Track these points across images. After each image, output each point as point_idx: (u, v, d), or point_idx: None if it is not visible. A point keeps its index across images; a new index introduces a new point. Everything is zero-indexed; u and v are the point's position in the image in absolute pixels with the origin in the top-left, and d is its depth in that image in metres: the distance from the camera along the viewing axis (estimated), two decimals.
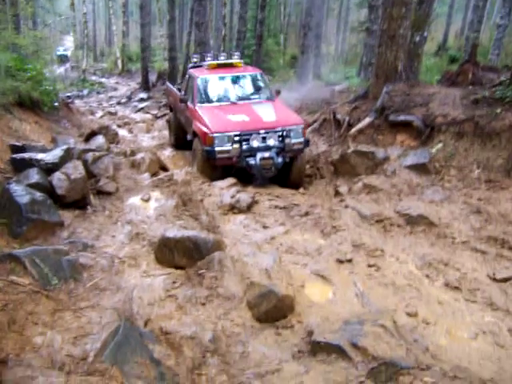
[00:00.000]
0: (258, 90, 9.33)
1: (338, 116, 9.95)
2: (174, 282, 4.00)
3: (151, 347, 2.98)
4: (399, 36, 9.55)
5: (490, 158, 6.83)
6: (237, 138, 7.42)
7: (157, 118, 16.72)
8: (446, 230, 5.49)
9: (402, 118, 8.50)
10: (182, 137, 10.11)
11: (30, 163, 5.49)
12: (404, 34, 9.61)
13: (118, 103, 21.77)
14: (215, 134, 7.36)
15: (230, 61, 9.79)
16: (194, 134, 8.12)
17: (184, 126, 9.70)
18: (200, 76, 9.09)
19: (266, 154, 7.43)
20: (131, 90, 26.15)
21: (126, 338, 2.85)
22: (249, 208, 6.28)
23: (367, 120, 9.06)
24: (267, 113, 8.14)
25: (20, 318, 3.10)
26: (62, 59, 32.98)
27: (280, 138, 7.62)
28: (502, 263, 4.72)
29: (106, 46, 51.11)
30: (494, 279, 4.40)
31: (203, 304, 3.66)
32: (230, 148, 7.39)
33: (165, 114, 16.74)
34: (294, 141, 7.63)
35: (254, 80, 9.51)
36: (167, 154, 10.27)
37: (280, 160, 7.49)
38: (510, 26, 17.40)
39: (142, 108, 19.08)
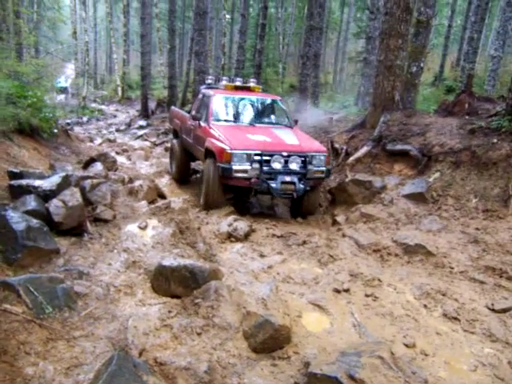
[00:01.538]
0: (277, 115, 9.09)
1: (336, 145, 10.03)
2: (169, 311, 3.95)
3: (145, 378, 2.93)
4: (396, 66, 9.71)
5: (487, 188, 6.86)
6: (257, 158, 6.98)
7: (156, 145, 16.81)
8: (443, 259, 5.47)
9: (399, 147, 8.57)
10: (186, 166, 9.76)
11: (27, 190, 5.48)
12: (401, 65, 9.78)
13: (117, 130, 21.89)
14: (234, 151, 6.91)
15: (248, 84, 9.57)
16: (206, 154, 7.61)
17: (191, 149, 9.11)
18: (217, 94, 8.76)
19: (288, 178, 7.05)
20: (130, 118, 26.35)
21: (120, 368, 2.80)
22: (246, 236, 6.27)
23: (365, 149, 9.12)
24: (289, 137, 7.82)
25: (12, 348, 3.05)
26: (62, 90, 33.41)
27: (302, 164, 7.21)
28: (501, 293, 4.69)
29: (107, 74, 51.74)
30: (493, 310, 4.37)
31: (199, 334, 3.61)
32: (249, 168, 6.95)
33: (164, 142, 16.85)
34: (316, 168, 7.26)
35: (274, 105, 9.26)
36: (165, 181, 10.28)
37: (302, 186, 7.09)
38: (505, 58, 17.71)
39: (140, 135, 19.18)
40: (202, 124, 8.25)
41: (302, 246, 5.94)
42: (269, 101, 9.27)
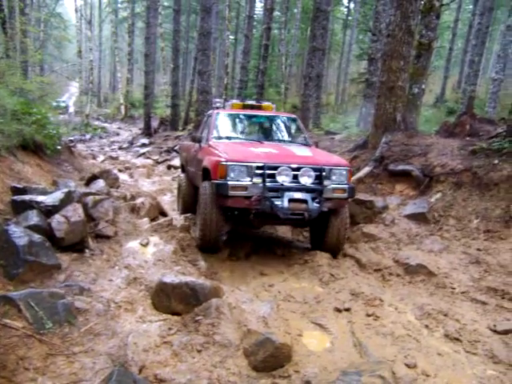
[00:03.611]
0: (291, 134, 7.91)
1: None
2: (170, 329, 3.93)
3: None
4: (398, 88, 9.80)
5: (489, 209, 6.86)
6: (259, 172, 5.70)
7: (158, 163, 16.92)
8: (445, 279, 5.46)
9: (400, 167, 8.60)
10: (192, 199, 8.07)
11: (29, 205, 5.50)
12: (402, 86, 9.86)
13: (120, 148, 22.07)
14: (230, 163, 5.68)
15: (258, 103, 8.65)
16: (204, 176, 6.43)
17: (194, 179, 7.85)
18: (219, 112, 7.81)
19: (298, 195, 5.73)
20: (133, 136, 26.57)
21: None
22: (247, 255, 6.26)
23: (366, 169, 9.15)
24: (301, 150, 6.72)
25: (11, 363, 3.03)
26: (64, 108, 33.86)
27: (317, 179, 5.90)
28: (503, 315, 4.66)
29: (110, 92, 52.32)
30: (495, 331, 4.33)
31: (199, 351, 3.59)
32: (249, 183, 5.65)
33: (166, 160, 16.95)
34: (334, 185, 5.93)
35: (287, 124, 8.06)
36: (167, 199, 10.30)
37: (315, 206, 5.73)
38: (505, 80, 17.90)
39: (143, 153, 19.33)
40: (203, 145, 7.27)
41: (303, 265, 5.93)
42: (282, 119, 8.19)
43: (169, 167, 15.54)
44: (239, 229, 7.30)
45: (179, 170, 10.75)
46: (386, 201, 8.07)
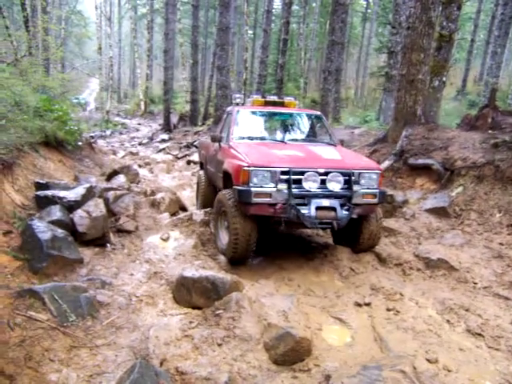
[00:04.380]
0: (316, 132, 7.51)
1: None
2: (190, 322, 3.98)
3: None
4: (418, 81, 9.70)
5: None
6: (284, 177, 5.30)
7: (178, 158, 17.01)
8: (466, 274, 5.40)
9: (421, 161, 8.52)
10: (210, 198, 7.69)
11: (52, 200, 5.61)
12: (423, 79, 9.76)
13: (140, 144, 22.23)
14: (253, 168, 5.26)
15: (281, 99, 8.05)
16: (225, 181, 6.18)
17: (214, 179, 7.57)
18: (240, 109, 7.36)
19: (326, 203, 5.36)
20: (153, 131, 26.72)
21: (142, 377, 2.83)
22: (266, 249, 6.27)
23: (386, 163, 9.08)
24: (328, 152, 6.36)
25: (36, 354, 3.11)
26: (84, 104, 34.23)
27: (346, 184, 5.50)
28: None
29: (130, 88, 52.65)
30: None
31: (220, 345, 3.63)
32: (274, 190, 5.25)
33: (186, 155, 17.03)
34: (364, 190, 5.54)
35: (312, 121, 7.62)
36: (187, 194, 10.36)
37: (345, 214, 5.38)
38: None
39: (163, 149, 19.44)
40: (223, 145, 6.86)
41: (322, 260, 5.93)
42: (306, 116, 7.75)
43: (188, 162, 15.62)
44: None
45: (198, 165, 10.72)
46: (406, 195, 8.02)
